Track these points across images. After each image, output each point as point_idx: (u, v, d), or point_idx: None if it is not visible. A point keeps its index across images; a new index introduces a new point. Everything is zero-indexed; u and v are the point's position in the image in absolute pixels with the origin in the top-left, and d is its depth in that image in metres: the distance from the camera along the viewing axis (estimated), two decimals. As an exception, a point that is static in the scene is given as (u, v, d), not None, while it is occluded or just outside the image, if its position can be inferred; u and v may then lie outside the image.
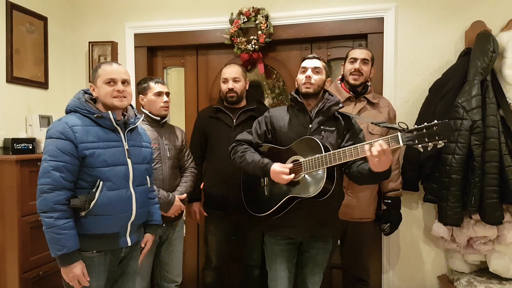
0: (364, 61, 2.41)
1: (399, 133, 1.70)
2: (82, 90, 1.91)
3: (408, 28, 2.76)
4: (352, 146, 1.82)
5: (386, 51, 2.78)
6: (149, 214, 2.05)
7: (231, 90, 2.55)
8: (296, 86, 2.14)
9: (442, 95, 2.51)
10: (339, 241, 2.60)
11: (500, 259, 2.45)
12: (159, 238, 2.43)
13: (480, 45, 2.38)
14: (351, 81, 2.42)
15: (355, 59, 2.41)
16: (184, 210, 2.52)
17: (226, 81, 2.57)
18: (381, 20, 2.79)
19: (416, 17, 2.75)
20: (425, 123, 1.65)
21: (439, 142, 1.61)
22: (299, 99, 2.08)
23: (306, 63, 2.09)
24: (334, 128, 2.06)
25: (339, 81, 2.53)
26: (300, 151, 1.99)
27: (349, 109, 2.43)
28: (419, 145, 1.66)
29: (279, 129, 2.11)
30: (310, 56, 2.13)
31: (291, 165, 1.97)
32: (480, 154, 2.29)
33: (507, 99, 2.39)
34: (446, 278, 2.69)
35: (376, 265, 2.88)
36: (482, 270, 2.60)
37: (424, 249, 2.81)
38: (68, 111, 1.85)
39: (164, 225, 2.39)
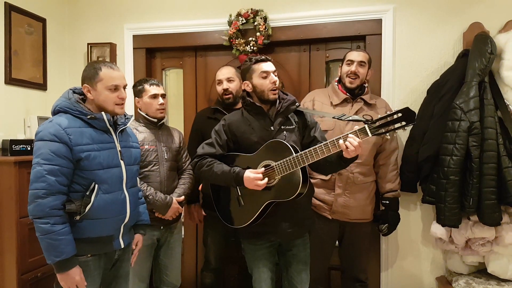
0: (360, 63, 2.41)
1: (366, 125, 1.78)
2: (70, 89, 1.84)
3: (406, 30, 2.77)
4: (323, 144, 1.86)
5: (384, 53, 2.79)
6: (137, 214, 2.02)
7: (226, 90, 2.55)
8: (249, 89, 2.07)
9: (440, 97, 2.52)
10: (337, 242, 2.60)
11: (499, 260, 2.45)
12: (157, 241, 2.42)
13: (478, 46, 2.39)
14: (348, 84, 2.43)
15: (352, 62, 2.42)
16: (183, 212, 2.51)
17: (220, 82, 2.58)
18: (379, 21, 2.80)
19: (414, 19, 2.76)
20: (387, 112, 1.75)
21: (405, 128, 1.71)
22: (258, 104, 2.06)
23: (266, 67, 2.03)
24: (293, 126, 2.08)
25: (336, 83, 2.54)
26: (269, 155, 1.99)
27: (346, 110, 2.43)
28: (387, 133, 1.75)
29: (241, 135, 2.07)
30: (263, 58, 2.06)
31: (262, 169, 1.96)
32: (478, 155, 2.30)
33: (505, 100, 2.39)
34: (445, 279, 2.69)
35: (375, 266, 2.88)
36: (481, 271, 2.60)
37: (423, 250, 2.81)
38: (56, 112, 1.78)
39: (162, 227, 2.39)
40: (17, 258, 2.42)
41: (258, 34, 2.91)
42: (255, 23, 2.92)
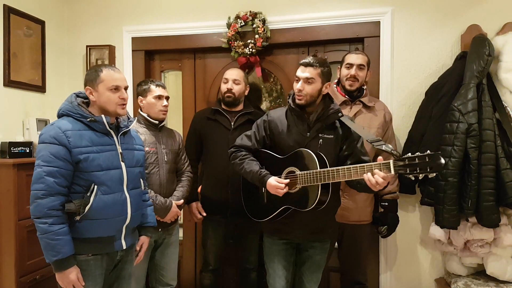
0: (360, 66, 2.41)
1: (391, 162, 1.74)
2: (74, 93, 1.89)
3: (404, 32, 2.78)
4: (345, 167, 1.83)
5: (383, 55, 2.80)
6: (143, 216, 2.05)
7: (229, 90, 2.57)
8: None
9: (438, 98, 2.53)
10: (336, 244, 2.60)
11: (497, 262, 2.45)
12: (155, 242, 2.42)
13: (476, 48, 2.39)
14: (347, 87, 2.44)
15: (351, 65, 2.41)
16: (181, 215, 2.51)
17: (226, 81, 2.60)
18: (377, 24, 2.81)
19: (412, 21, 2.76)
20: (418, 153, 1.68)
21: (430, 173, 1.65)
22: (298, 109, 2.06)
23: (299, 73, 2.03)
24: (332, 136, 2.05)
25: (335, 85, 2.54)
26: (296, 163, 1.99)
27: (345, 112, 2.41)
28: (410, 175, 1.69)
29: (278, 135, 2.10)
30: (305, 62, 2.03)
31: (287, 180, 1.97)
32: (476, 157, 2.30)
33: (503, 102, 2.40)
34: (443, 281, 2.69)
35: (374, 268, 2.88)
36: (479, 273, 2.60)
37: (421, 252, 2.81)
38: (60, 115, 1.84)
39: (160, 229, 2.39)
40: (15, 261, 2.41)
41: (257, 36, 2.91)
42: (254, 26, 2.93)
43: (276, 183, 1.95)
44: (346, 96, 2.46)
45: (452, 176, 2.32)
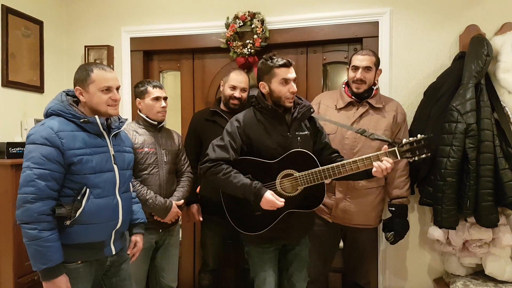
0: (366, 69, 2.34)
1: (396, 149, 1.90)
2: (63, 91, 1.79)
3: (403, 32, 2.78)
4: (351, 160, 1.91)
5: (381, 55, 2.79)
6: (132, 213, 1.99)
7: (237, 98, 2.55)
8: (266, 92, 2.02)
9: (437, 99, 2.53)
10: (341, 242, 2.59)
11: (496, 262, 2.46)
12: (155, 243, 2.41)
13: (474, 48, 2.40)
14: (354, 89, 2.38)
15: (356, 68, 2.35)
16: (181, 215, 2.50)
17: (234, 88, 2.56)
18: (376, 24, 2.81)
19: (411, 21, 2.77)
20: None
21: (428, 154, 1.90)
22: (279, 111, 2.00)
23: (287, 74, 1.96)
24: (306, 132, 2.07)
25: (344, 85, 2.49)
26: (291, 165, 1.97)
27: (351, 114, 2.40)
28: (412, 158, 1.91)
29: (256, 139, 2.00)
30: (288, 63, 1.98)
31: (283, 201, 1.90)
32: (475, 157, 2.30)
33: (501, 102, 2.40)
34: (442, 281, 2.69)
35: (373, 268, 2.87)
36: (478, 273, 2.60)
37: (420, 252, 2.81)
38: (49, 114, 1.72)
39: (160, 230, 2.38)
40: (13, 262, 2.41)
41: (255, 36, 2.91)
42: (253, 26, 2.93)
43: (273, 199, 1.88)
44: (353, 97, 2.41)
45: (451, 176, 2.32)
